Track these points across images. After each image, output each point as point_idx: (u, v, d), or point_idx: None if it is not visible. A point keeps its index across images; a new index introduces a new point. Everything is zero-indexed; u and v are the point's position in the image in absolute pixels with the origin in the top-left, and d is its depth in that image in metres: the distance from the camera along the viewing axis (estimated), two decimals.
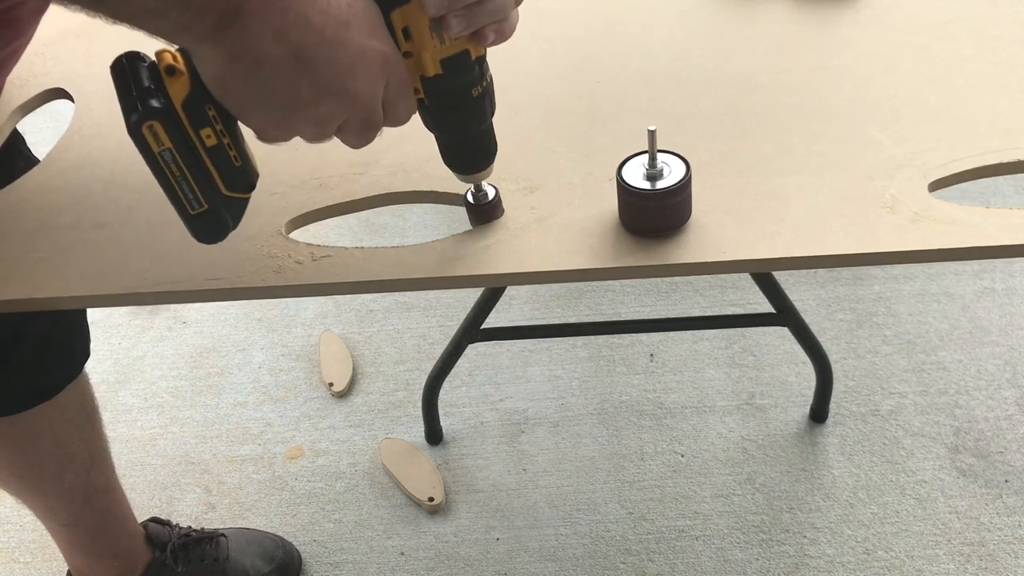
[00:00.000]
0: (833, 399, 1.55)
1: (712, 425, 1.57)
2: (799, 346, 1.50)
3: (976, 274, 1.78)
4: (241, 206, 0.69)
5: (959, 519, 1.40)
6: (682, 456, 1.53)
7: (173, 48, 0.61)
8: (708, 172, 0.81)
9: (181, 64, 0.61)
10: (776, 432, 1.54)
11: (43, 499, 1.18)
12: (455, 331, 1.47)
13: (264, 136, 0.64)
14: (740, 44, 0.99)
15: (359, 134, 0.66)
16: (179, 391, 1.73)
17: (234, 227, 0.70)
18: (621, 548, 1.41)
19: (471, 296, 1.50)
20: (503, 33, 0.67)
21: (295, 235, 0.81)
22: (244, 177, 0.68)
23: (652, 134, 0.72)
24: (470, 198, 0.79)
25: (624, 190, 0.74)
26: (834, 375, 1.52)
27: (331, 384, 1.68)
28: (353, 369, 1.71)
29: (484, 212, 0.79)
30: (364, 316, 1.83)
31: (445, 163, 0.77)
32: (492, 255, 0.75)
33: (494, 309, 1.44)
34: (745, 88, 0.92)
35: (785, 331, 1.52)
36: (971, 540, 1.37)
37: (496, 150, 0.77)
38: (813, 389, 1.55)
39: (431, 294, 1.85)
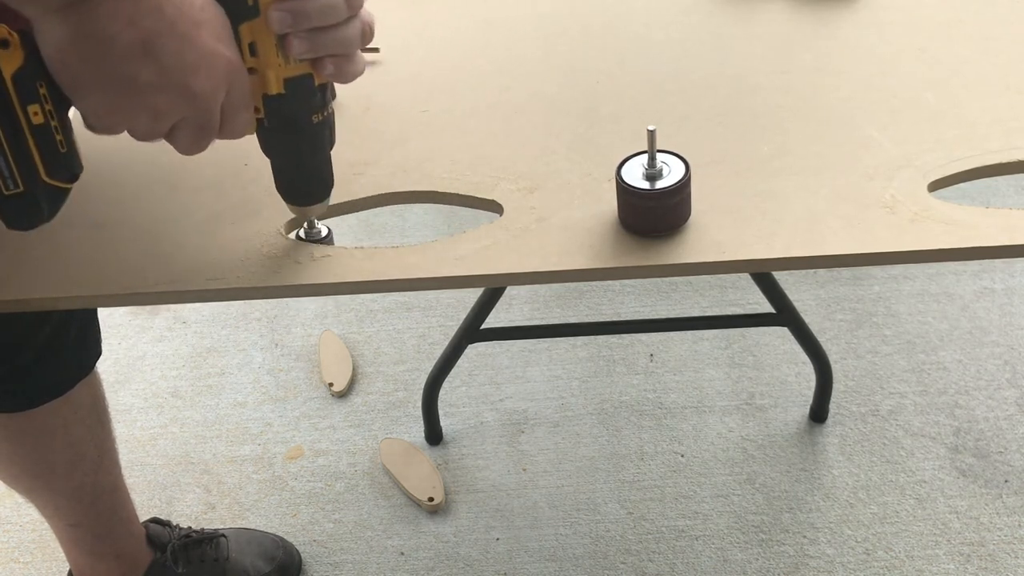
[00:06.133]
0: (833, 399, 1.55)
1: (712, 425, 1.57)
2: (799, 346, 1.50)
3: (976, 274, 1.78)
4: (61, 196, 0.67)
5: (959, 519, 1.40)
6: (682, 456, 1.53)
7: (6, 27, 0.61)
8: (707, 172, 0.81)
9: (15, 40, 0.60)
10: (776, 432, 1.54)
11: (52, 498, 1.18)
12: (455, 331, 1.47)
13: (95, 120, 0.63)
14: (739, 45, 0.99)
15: (193, 137, 0.66)
16: (179, 391, 1.73)
17: (49, 218, 0.67)
18: (621, 548, 1.41)
19: (471, 296, 1.50)
20: (344, 72, 0.69)
21: (293, 236, 0.81)
22: (68, 165, 0.66)
23: (651, 134, 0.72)
24: (302, 234, 0.79)
25: (623, 190, 0.74)
26: (834, 375, 1.52)
27: (331, 384, 1.69)
28: (353, 369, 1.72)
29: None
30: (364, 316, 1.83)
31: (278, 192, 0.77)
32: (492, 255, 0.75)
33: (494, 309, 1.44)
34: (744, 89, 0.92)
35: (785, 331, 1.52)
36: (971, 540, 1.37)
37: (332, 185, 0.77)
38: (813, 389, 1.55)
39: (431, 294, 1.85)
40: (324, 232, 0.80)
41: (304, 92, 0.69)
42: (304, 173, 0.75)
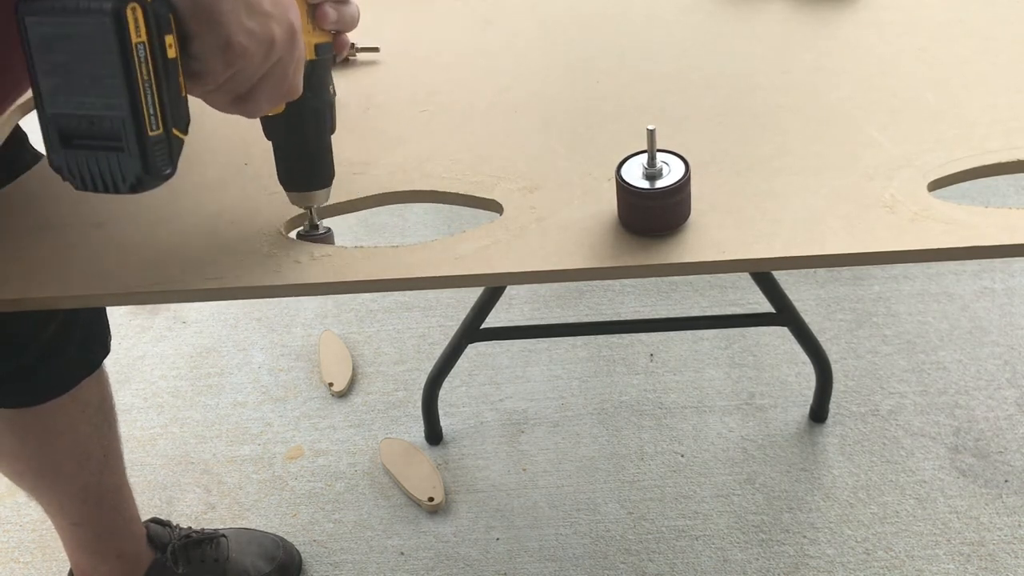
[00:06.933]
0: (833, 399, 1.55)
1: (712, 425, 1.57)
2: (799, 346, 1.50)
3: (976, 274, 1.78)
4: (179, 148, 0.64)
5: (959, 519, 1.40)
6: (682, 456, 1.53)
7: None
8: (707, 172, 0.81)
9: None
10: (776, 432, 1.54)
11: (57, 497, 1.19)
12: (455, 331, 1.47)
13: (218, 54, 0.62)
14: (739, 44, 0.99)
15: (276, 86, 0.67)
16: (179, 391, 1.73)
17: (173, 172, 0.64)
18: (621, 548, 1.41)
19: (471, 296, 1.50)
20: (347, 45, 0.77)
21: (295, 235, 0.81)
22: (184, 112, 0.63)
23: (651, 133, 0.72)
24: (303, 231, 0.79)
25: (623, 189, 0.74)
26: (834, 375, 1.52)
27: (331, 384, 1.69)
28: (353, 369, 1.72)
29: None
30: (364, 316, 1.83)
31: (280, 180, 0.78)
32: (492, 255, 0.75)
33: (494, 309, 1.44)
34: (744, 88, 0.92)
35: (785, 331, 1.52)
36: (971, 540, 1.37)
37: (333, 174, 0.78)
38: (813, 389, 1.55)
39: (431, 294, 1.85)
40: (324, 230, 0.80)
41: (328, 59, 0.74)
42: (310, 153, 0.76)
